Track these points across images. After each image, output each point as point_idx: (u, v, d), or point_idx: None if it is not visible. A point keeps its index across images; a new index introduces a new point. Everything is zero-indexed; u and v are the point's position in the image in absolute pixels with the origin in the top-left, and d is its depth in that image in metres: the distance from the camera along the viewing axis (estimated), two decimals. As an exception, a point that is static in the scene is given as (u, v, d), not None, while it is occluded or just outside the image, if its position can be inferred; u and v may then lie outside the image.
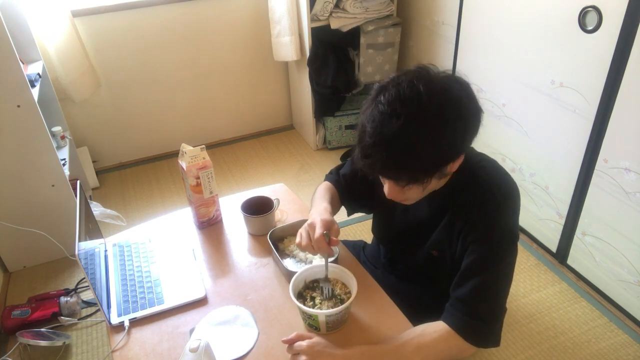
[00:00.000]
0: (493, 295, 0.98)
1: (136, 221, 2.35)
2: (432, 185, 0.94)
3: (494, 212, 0.97)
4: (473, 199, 0.99)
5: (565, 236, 1.92)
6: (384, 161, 0.84)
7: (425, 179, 0.88)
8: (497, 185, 1.00)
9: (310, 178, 2.69)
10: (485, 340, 0.97)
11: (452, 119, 0.83)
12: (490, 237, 0.97)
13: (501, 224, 0.97)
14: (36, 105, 1.81)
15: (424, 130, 0.82)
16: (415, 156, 0.84)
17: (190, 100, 2.89)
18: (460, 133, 0.86)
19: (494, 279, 0.97)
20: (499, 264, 0.97)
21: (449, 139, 0.85)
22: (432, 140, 0.83)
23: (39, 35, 2.25)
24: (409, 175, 0.86)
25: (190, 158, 1.26)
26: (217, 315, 1.08)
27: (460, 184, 1.01)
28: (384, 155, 0.83)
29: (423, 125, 0.82)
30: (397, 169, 0.86)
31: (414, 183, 0.88)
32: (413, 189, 0.91)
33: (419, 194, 0.96)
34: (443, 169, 0.89)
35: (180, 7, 2.60)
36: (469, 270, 0.98)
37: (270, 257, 1.25)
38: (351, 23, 2.54)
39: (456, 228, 1.01)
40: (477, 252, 0.97)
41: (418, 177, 0.87)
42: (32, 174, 1.93)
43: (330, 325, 1.00)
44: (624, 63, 1.50)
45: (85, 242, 1.12)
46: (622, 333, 1.69)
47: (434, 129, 0.82)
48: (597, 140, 1.67)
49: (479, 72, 2.16)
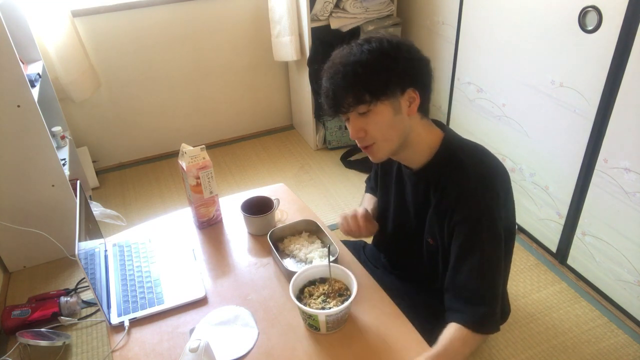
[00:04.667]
0: (489, 277, 1.01)
1: (136, 221, 2.35)
2: (388, 120, 0.99)
3: (475, 192, 1.00)
4: (452, 181, 1.03)
5: (565, 236, 1.92)
6: (345, 76, 0.97)
7: (381, 95, 0.97)
8: (477, 166, 1.03)
9: (310, 178, 2.69)
10: (489, 326, 1.00)
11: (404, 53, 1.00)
12: (472, 217, 1.00)
13: (482, 205, 1.00)
14: (36, 105, 1.81)
15: (380, 56, 0.97)
16: (370, 70, 0.97)
17: (190, 100, 2.89)
18: (410, 67, 1.00)
19: (486, 261, 1.00)
20: (489, 244, 1.00)
21: (402, 64, 0.99)
22: (387, 63, 0.97)
23: (39, 35, 2.25)
24: (364, 87, 0.96)
25: (190, 158, 1.26)
26: (217, 315, 1.08)
27: (441, 165, 1.05)
28: (347, 70, 0.97)
29: (379, 53, 0.98)
30: (355, 82, 0.97)
31: (368, 97, 0.96)
32: (372, 119, 0.99)
33: (381, 130, 1.00)
34: (395, 92, 0.98)
35: (180, 7, 2.60)
36: (460, 254, 1.02)
37: (270, 257, 1.25)
38: (351, 23, 2.54)
39: (442, 211, 1.05)
40: (462, 233, 1.01)
41: (373, 90, 0.96)
42: (32, 174, 1.93)
43: (330, 325, 1.00)
44: (624, 63, 1.50)
45: (85, 242, 1.12)
46: (622, 333, 1.69)
47: (389, 56, 0.98)
48: (597, 140, 1.67)
49: (479, 72, 2.16)
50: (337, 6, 2.52)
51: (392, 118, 1.00)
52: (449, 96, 2.41)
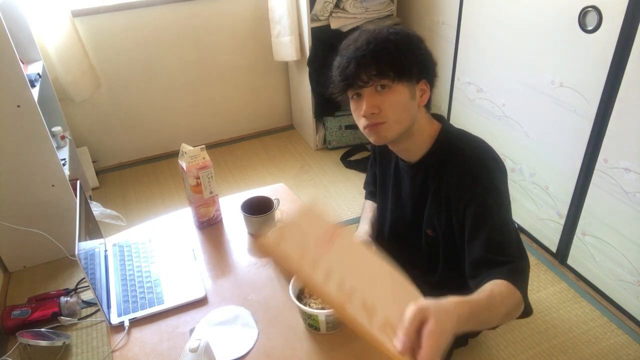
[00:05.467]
0: (507, 236, 0.99)
1: (136, 221, 2.35)
2: (404, 101, 1.00)
3: (473, 170, 1.01)
4: (452, 167, 1.03)
5: (565, 236, 1.92)
6: (373, 49, 0.97)
7: (403, 76, 0.98)
8: (474, 149, 1.04)
9: (310, 178, 2.69)
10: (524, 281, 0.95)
11: (424, 46, 1.05)
12: (477, 194, 1.00)
13: (484, 180, 1.00)
14: (36, 105, 1.81)
15: (407, 40, 1.01)
16: (398, 49, 0.99)
17: (190, 100, 2.89)
18: (429, 59, 1.04)
19: (500, 224, 0.99)
20: (498, 211, 0.99)
21: (422, 54, 1.03)
22: (413, 49, 1.01)
23: (39, 35, 2.25)
24: (390, 62, 0.97)
25: (190, 158, 1.26)
26: (217, 315, 1.08)
27: (440, 156, 1.06)
28: (376, 44, 0.98)
29: (407, 37, 1.02)
30: (382, 56, 0.97)
31: (393, 74, 0.97)
32: (389, 97, 0.99)
33: (396, 110, 1.00)
34: (413, 78, 1.01)
35: (180, 7, 2.60)
36: (474, 233, 1.00)
37: (270, 257, 1.25)
38: (351, 23, 2.54)
39: (443, 200, 1.05)
40: (472, 214, 1.00)
41: (398, 68, 0.98)
42: (32, 174, 1.93)
43: (330, 325, 1.00)
44: (624, 63, 1.50)
45: (85, 242, 1.12)
46: (622, 333, 1.69)
47: (414, 44, 1.02)
48: (597, 140, 1.67)
49: (479, 72, 2.16)
50: (337, 6, 2.52)
51: (408, 101, 1.01)
52: (449, 96, 2.41)
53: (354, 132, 2.86)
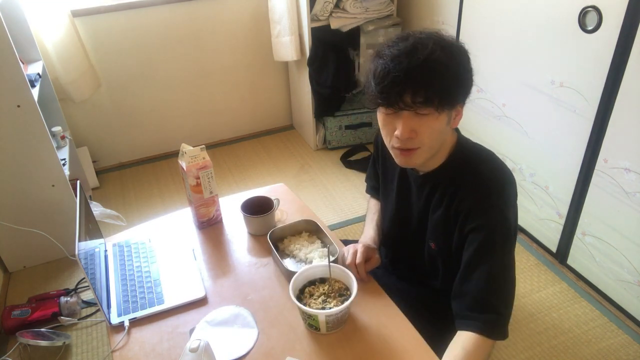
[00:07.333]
0: (501, 284, 0.97)
1: (136, 221, 2.35)
2: (441, 128, 0.95)
3: (491, 199, 0.98)
4: (468, 187, 0.99)
5: (565, 236, 1.92)
6: (424, 71, 0.88)
7: (447, 105, 0.91)
8: (492, 172, 1.01)
9: (310, 178, 2.69)
10: (502, 333, 0.96)
11: (470, 66, 0.96)
12: (488, 224, 0.97)
13: (498, 212, 0.97)
14: (36, 105, 1.81)
15: (459, 64, 0.93)
16: (450, 77, 0.91)
17: (190, 100, 2.89)
18: (472, 81, 0.97)
19: (499, 267, 0.97)
20: (501, 251, 0.97)
21: (469, 78, 0.96)
22: (464, 75, 0.94)
23: (39, 36, 2.25)
24: (438, 91, 0.89)
25: (190, 158, 1.26)
26: (217, 315, 1.08)
27: (453, 172, 1.02)
28: (427, 66, 0.88)
29: (459, 60, 0.93)
30: (431, 83, 0.89)
31: (438, 102, 0.89)
32: (428, 123, 0.92)
33: (431, 136, 0.95)
34: (455, 103, 0.94)
35: (180, 7, 2.60)
36: (472, 261, 0.98)
37: (270, 257, 1.25)
38: (351, 23, 2.54)
39: (452, 217, 1.02)
40: (477, 241, 0.97)
41: (445, 98, 0.90)
42: (32, 174, 1.93)
43: (330, 325, 1.00)
44: (624, 63, 1.50)
45: (85, 242, 1.12)
46: (622, 333, 1.69)
47: (466, 68, 0.94)
48: (597, 140, 1.67)
49: (479, 72, 2.13)
50: (337, 6, 2.52)
51: (444, 127, 0.96)
52: (449, 96, 2.40)
53: (354, 132, 2.86)
